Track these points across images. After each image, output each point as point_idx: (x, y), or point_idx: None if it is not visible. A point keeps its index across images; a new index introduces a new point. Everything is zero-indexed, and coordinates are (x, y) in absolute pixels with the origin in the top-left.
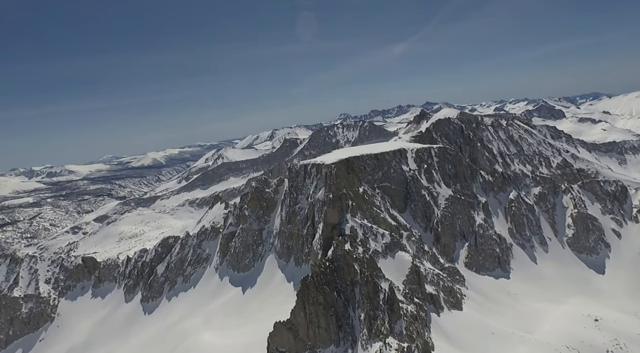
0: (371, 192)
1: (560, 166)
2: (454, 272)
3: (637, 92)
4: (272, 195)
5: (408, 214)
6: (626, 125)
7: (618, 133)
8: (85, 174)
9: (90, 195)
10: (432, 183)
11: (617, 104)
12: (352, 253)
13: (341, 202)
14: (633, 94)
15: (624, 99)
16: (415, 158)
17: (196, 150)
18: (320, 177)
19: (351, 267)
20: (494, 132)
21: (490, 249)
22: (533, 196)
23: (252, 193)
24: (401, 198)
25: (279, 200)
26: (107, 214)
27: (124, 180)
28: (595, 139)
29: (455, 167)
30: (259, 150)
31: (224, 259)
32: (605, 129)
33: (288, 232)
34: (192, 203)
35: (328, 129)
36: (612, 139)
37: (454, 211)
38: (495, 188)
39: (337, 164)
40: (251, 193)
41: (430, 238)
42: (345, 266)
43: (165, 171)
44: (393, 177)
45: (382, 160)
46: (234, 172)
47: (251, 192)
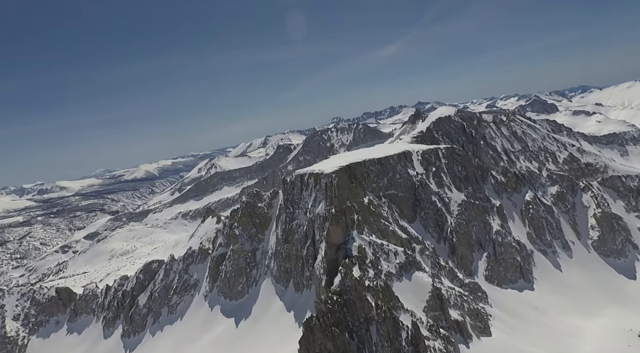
0: (377, 202)
1: (567, 161)
2: (475, 288)
3: (628, 83)
4: (266, 210)
5: (418, 224)
6: (620, 116)
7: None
8: (77, 189)
9: (82, 211)
10: (442, 188)
11: (609, 96)
12: (363, 281)
13: (345, 217)
14: (624, 84)
15: (615, 90)
16: (422, 161)
17: (189, 160)
18: (320, 188)
19: (364, 301)
20: (496, 128)
21: (511, 258)
22: (550, 196)
23: (242, 209)
24: (409, 206)
25: (274, 216)
26: (98, 231)
27: (116, 194)
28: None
29: (465, 169)
30: (253, 157)
31: (214, 285)
32: (600, 121)
33: (285, 253)
34: (186, 215)
35: (322, 133)
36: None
37: (468, 218)
38: (508, 190)
39: (337, 173)
40: (241, 209)
41: (444, 250)
42: (357, 299)
43: (158, 183)
44: (399, 183)
45: (386, 165)
46: (228, 181)
47: (242, 207)
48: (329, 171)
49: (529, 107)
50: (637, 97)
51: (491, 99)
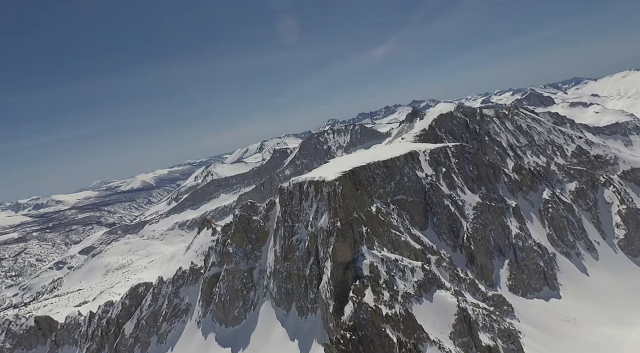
0: (386, 210)
1: (576, 154)
2: (500, 301)
3: (623, 72)
4: (262, 224)
5: (431, 231)
6: (617, 106)
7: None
8: (73, 202)
9: (79, 224)
10: (454, 190)
11: (604, 86)
12: (380, 310)
13: (352, 230)
14: (619, 74)
15: (610, 80)
16: (430, 161)
17: (186, 169)
18: (321, 198)
19: (384, 338)
20: (500, 123)
21: (534, 264)
22: (569, 193)
23: (235, 224)
24: (420, 212)
25: (271, 230)
26: (93, 245)
27: (113, 206)
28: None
29: (477, 168)
30: (249, 163)
31: (207, 310)
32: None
33: (285, 272)
34: (182, 225)
35: (318, 136)
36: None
37: (485, 222)
38: (524, 188)
39: (341, 180)
40: (235, 224)
41: (461, 259)
42: (376, 336)
43: (155, 193)
44: (408, 187)
45: (392, 168)
46: (224, 188)
47: (235, 222)
48: (331, 178)
49: (525, 101)
50: (633, 86)
51: (485, 95)
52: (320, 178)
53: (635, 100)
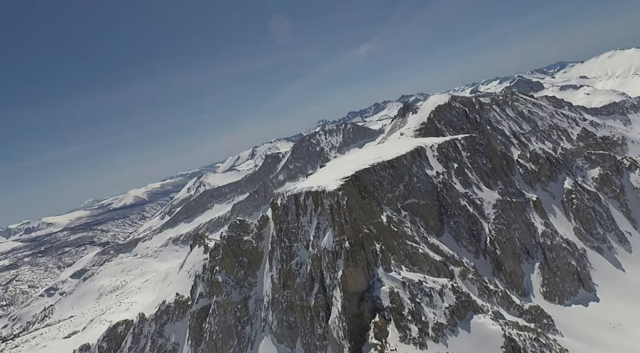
0: (397, 218)
1: (582, 137)
2: (538, 313)
3: (609, 53)
4: (255, 244)
5: (448, 236)
6: (606, 86)
7: (602, 95)
8: (65, 224)
9: (71, 246)
10: (469, 188)
11: (591, 68)
12: None
13: (364, 250)
14: (604, 55)
15: (597, 62)
16: (439, 156)
17: (178, 180)
18: (323, 212)
19: None
20: (500, 111)
21: (565, 264)
22: (592, 180)
23: (224, 247)
24: (435, 216)
25: (266, 250)
26: (85, 267)
27: (106, 224)
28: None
29: (490, 160)
30: (242, 171)
31: (197, 350)
32: (589, 93)
33: (286, 302)
34: (176, 241)
35: (310, 138)
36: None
37: (507, 221)
38: (542, 179)
39: (344, 188)
40: (223, 247)
41: (487, 267)
42: None
43: (148, 207)
44: (418, 188)
45: (399, 168)
46: (218, 198)
47: (222, 245)
48: (333, 187)
49: (515, 88)
50: (620, 66)
51: (473, 85)
52: (320, 188)
53: (625, 79)
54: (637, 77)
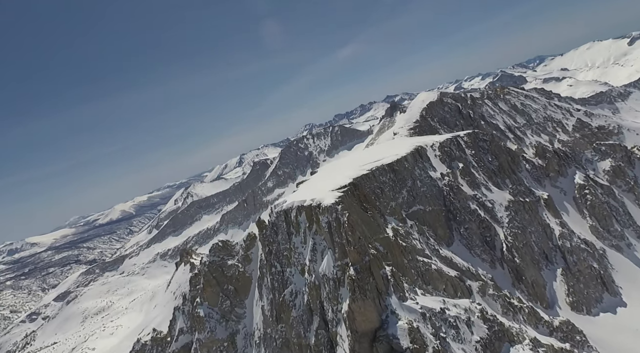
0: (404, 229)
1: (578, 128)
2: (569, 329)
3: (587, 44)
4: (241, 268)
5: (459, 245)
6: (587, 77)
7: (585, 85)
8: (50, 243)
9: (56, 266)
10: (477, 189)
11: (571, 60)
12: None
13: (373, 276)
14: (583, 46)
15: (576, 54)
16: (442, 156)
17: (166, 192)
18: (319, 230)
19: None
20: (493, 105)
21: (587, 267)
22: (604, 173)
23: (205, 275)
24: (443, 223)
25: (254, 275)
26: (69, 289)
27: (92, 241)
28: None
29: (497, 157)
30: (229, 179)
31: None
32: (572, 85)
33: (280, 338)
34: (164, 256)
35: (297, 142)
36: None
37: (522, 223)
38: (551, 174)
39: (343, 200)
40: (204, 275)
41: (505, 277)
42: None
43: (136, 221)
44: (423, 193)
45: (401, 171)
46: (206, 209)
47: (203, 272)
48: (330, 201)
49: (499, 83)
50: (599, 56)
51: (456, 82)
52: (314, 202)
53: (605, 69)
54: (617, 66)
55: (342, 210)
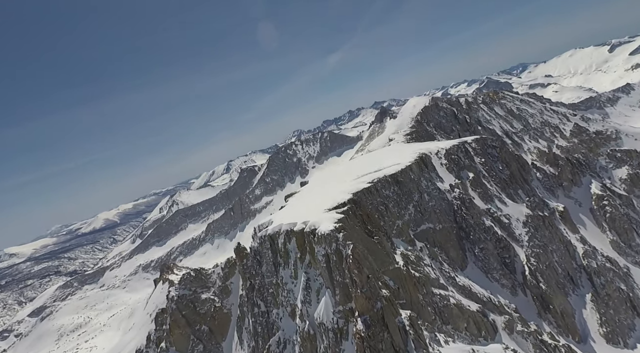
0: (414, 254)
1: (575, 133)
2: None
3: (569, 52)
4: (218, 302)
5: (474, 268)
6: (572, 83)
7: (570, 91)
8: (30, 253)
9: (35, 278)
10: (491, 202)
11: (554, 67)
12: None
13: (388, 329)
14: (566, 54)
15: (559, 61)
16: (449, 165)
17: (151, 200)
18: (314, 262)
19: None
20: (489, 110)
21: (615, 290)
22: (620, 181)
23: (172, 313)
24: (455, 243)
25: (234, 312)
26: (45, 304)
27: (73, 251)
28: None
29: (507, 166)
30: (216, 186)
31: None
32: (557, 90)
33: None
34: (147, 267)
35: (286, 149)
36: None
37: (543, 241)
38: (564, 184)
39: (345, 225)
40: (171, 313)
41: (529, 306)
42: None
43: (120, 230)
44: (431, 208)
45: (406, 183)
46: (192, 218)
47: (170, 310)
48: (328, 226)
49: (485, 89)
50: (582, 63)
51: (442, 88)
52: (308, 227)
53: (588, 75)
54: (600, 72)
55: (344, 240)
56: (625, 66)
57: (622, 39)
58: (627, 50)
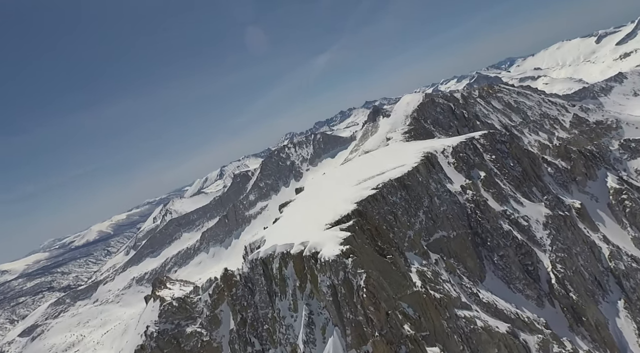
0: (430, 269)
1: (575, 124)
2: None
3: (556, 44)
4: (206, 335)
5: (493, 278)
6: (561, 75)
7: (561, 83)
8: (22, 269)
9: (27, 295)
10: (506, 203)
11: (542, 60)
12: None
13: None
14: (553, 46)
15: (546, 53)
16: (457, 164)
17: (145, 209)
18: (317, 293)
19: None
20: (486, 103)
21: None
22: (636, 173)
23: (152, 351)
24: (471, 251)
25: (224, 345)
26: (36, 323)
27: (67, 265)
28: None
29: (519, 162)
30: (210, 193)
31: None
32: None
33: None
34: (141, 280)
35: (278, 152)
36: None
37: (566, 244)
38: (577, 178)
39: (353, 248)
40: (150, 351)
41: (557, 318)
42: None
43: (114, 241)
44: (443, 214)
45: (414, 187)
46: (186, 227)
47: (149, 348)
48: (333, 250)
49: (476, 84)
50: (569, 55)
51: (432, 85)
52: (308, 249)
53: (577, 66)
54: (588, 63)
55: (354, 267)
56: (613, 56)
57: (608, 30)
58: (614, 40)
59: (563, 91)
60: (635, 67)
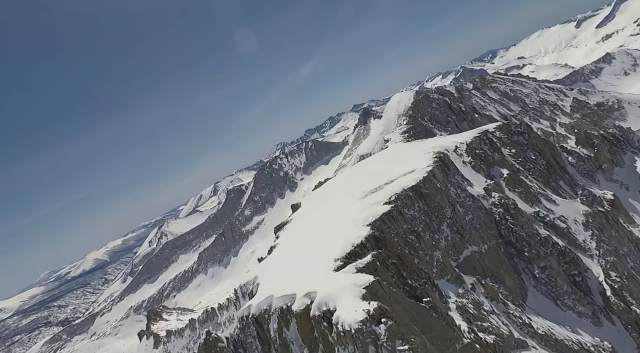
0: (470, 299)
1: (576, 108)
2: None
3: (537, 32)
4: None
5: (536, 294)
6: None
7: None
8: (17, 306)
9: (23, 332)
10: (538, 204)
11: (524, 49)
12: None
13: None
14: (534, 35)
15: (528, 42)
16: (475, 163)
17: (141, 233)
18: None
19: None
20: (482, 95)
21: None
22: None
23: None
24: (507, 266)
25: None
26: None
27: (63, 298)
28: None
29: (541, 153)
30: (205, 211)
31: None
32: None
33: None
34: (138, 309)
35: (271, 164)
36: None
37: (612, 245)
38: (604, 166)
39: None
40: None
41: (621, 338)
42: None
43: (111, 269)
44: (469, 224)
45: (432, 196)
46: (182, 248)
47: None
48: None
49: (462, 78)
50: (551, 42)
51: (418, 83)
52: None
53: (560, 52)
54: (571, 48)
55: (390, 339)
56: (595, 39)
57: (586, 14)
58: (594, 23)
59: (551, 77)
60: (619, 48)
